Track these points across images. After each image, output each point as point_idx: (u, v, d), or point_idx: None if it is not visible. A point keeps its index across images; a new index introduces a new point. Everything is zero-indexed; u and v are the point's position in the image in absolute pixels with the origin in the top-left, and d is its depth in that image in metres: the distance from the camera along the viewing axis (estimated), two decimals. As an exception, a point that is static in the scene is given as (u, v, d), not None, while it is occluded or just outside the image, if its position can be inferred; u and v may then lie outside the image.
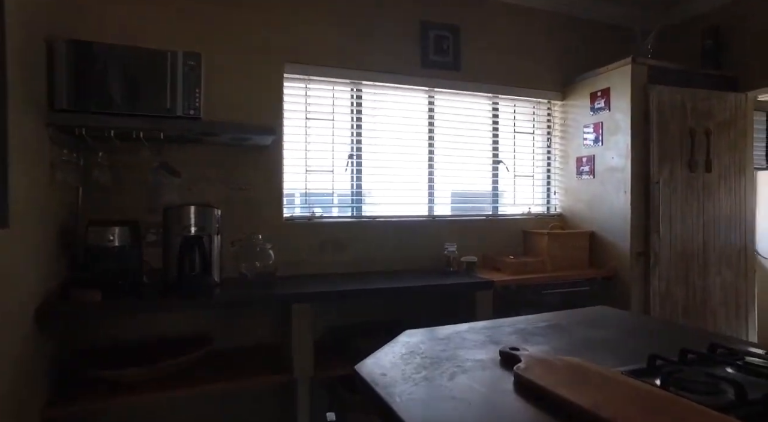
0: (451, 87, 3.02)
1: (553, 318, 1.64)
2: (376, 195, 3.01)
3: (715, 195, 2.96)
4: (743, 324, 3.07)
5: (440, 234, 2.97)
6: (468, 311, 2.51)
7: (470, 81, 3.06)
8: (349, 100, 2.88)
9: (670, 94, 2.82)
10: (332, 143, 2.83)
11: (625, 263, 2.80)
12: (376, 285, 2.30)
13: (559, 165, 3.36)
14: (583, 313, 1.74)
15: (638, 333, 1.46)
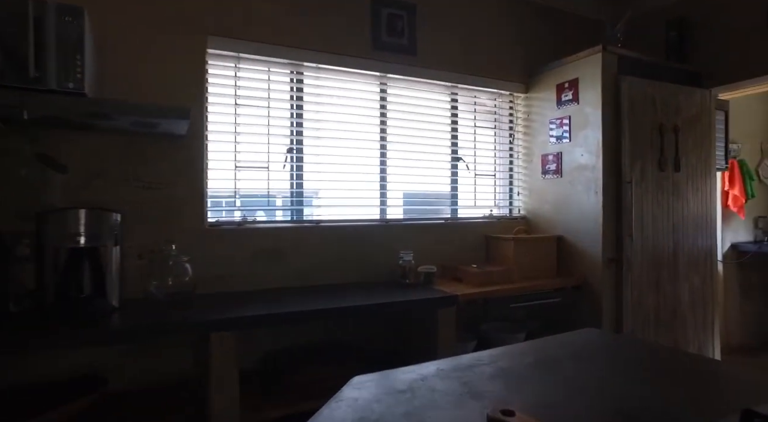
0: (405, 73, 2.67)
1: (538, 348, 1.32)
2: (320, 196, 2.60)
3: (683, 196, 2.78)
4: (709, 330, 2.92)
5: (394, 241, 2.60)
6: (428, 331, 2.16)
7: (427, 67, 2.72)
8: (289, 85, 2.46)
9: (641, 87, 2.60)
10: (268, 135, 2.39)
11: (596, 270, 2.56)
12: (319, 305, 1.89)
13: (523, 164, 3.09)
14: (570, 340, 1.42)
15: (651, 368, 1.14)
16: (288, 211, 2.51)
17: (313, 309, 1.83)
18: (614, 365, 1.18)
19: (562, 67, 2.76)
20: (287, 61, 2.39)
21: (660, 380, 1.06)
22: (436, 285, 2.40)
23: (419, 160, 2.77)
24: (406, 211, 2.80)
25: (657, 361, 1.21)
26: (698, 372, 1.14)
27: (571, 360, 1.20)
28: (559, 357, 1.22)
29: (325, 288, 2.30)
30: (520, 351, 1.29)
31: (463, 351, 2.33)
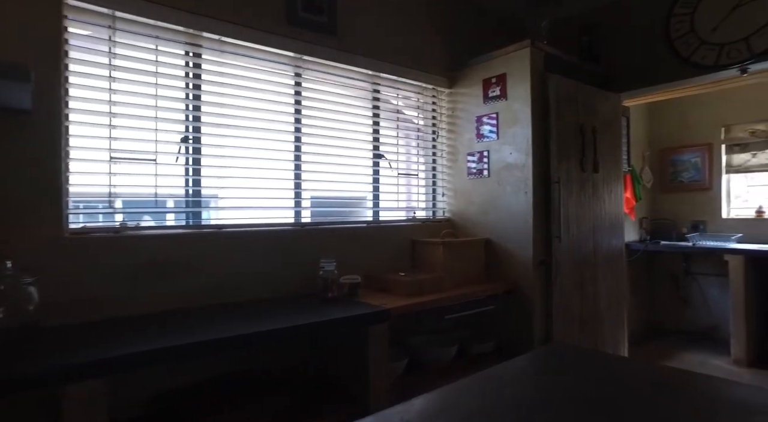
0: (324, 56, 2.34)
1: (483, 389, 1.06)
2: (223, 197, 2.16)
3: (601, 197, 2.81)
4: (621, 329, 2.99)
5: (312, 248, 2.26)
6: (358, 352, 1.85)
7: (348, 52, 2.43)
8: (183, 60, 2.00)
9: (565, 86, 2.56)
10: (156, 121, 1.91)
11: (527, 273, 2.45)
12: (217, 332, 1.48)
13: (447, 163, 2.92)
14: (543, 358, 1.22)
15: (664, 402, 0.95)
16: (182, 214, 2.04)
17: (212, 339, 1.42)
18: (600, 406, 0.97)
19: (489, 62, 2.63)
20: (182, 29, 1.93)
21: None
22: (362, 297, 2.10)
23: (339, 155, 2.46)
24: (324, 213, 2.46)
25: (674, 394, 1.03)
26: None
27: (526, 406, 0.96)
28: (516, 399, 0.98)
29: (232, 308, 1.88)
30: (459, 397, 1.03)
31: (394, 371, 2.06)
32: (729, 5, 2.57)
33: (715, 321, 4.20)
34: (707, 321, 4.26)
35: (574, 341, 2.56)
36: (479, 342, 2.46)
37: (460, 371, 2.25)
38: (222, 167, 2.10)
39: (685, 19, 2.71)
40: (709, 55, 2.62)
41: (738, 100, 4.10)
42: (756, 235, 3.99)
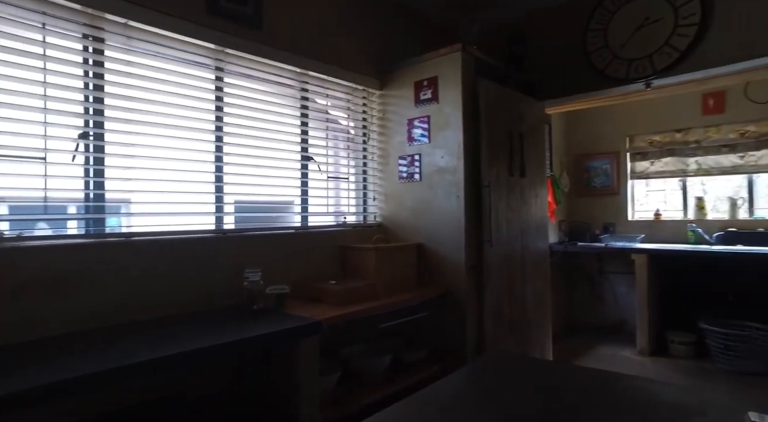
0: (248, 50, 2.17)
1: (453, 410, 1.00)
2: (136, 201, 1.92)
3: (528, 201, 2.89)
4: (546, 330, 3.10)
5: (236, 256, 2.08)
6: (288, 368, 1.70)
7: (275, 47, 2.28)
8: (81, 43, 1.74)
9: (495, 91, 2.60)
10: (45, 113, 1.64)
11: (460, 278, 2.43)
12: (126, 359, 1.27)
13: (378, 166, 2.86)
14: (480, 373, 1.17)
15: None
16: (82, 221, 1.78)
17: (112, 368, 1.21)
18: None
19: (420, 65, 2.61)
20: (77, 8, 1.68)
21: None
22: (291, 308, 1.96)
23: (264, 157, 2.29)
24: (248, 219, 2.28)
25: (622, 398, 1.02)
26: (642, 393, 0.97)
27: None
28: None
29: (141, 327, 1.65)
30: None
31: (327, 385, 1.94)
32: (634, 25, 2.76)
33: (623, 315, 4.53)
34: (616, 316, 4.58)
35: (504, 343, 2.59)
36: (413, 349, 2.41)
37: (395, 381, 2.18)
38: (131, 169, 1.86)
39: (599, 34, 2.88)
40: (620, 69, 2.80)
41: (639, 113, 4.47)
42: (655, 235, 4.36)
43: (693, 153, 4.28)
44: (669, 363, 3.70)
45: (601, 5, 2.88)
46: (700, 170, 4.27)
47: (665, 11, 2.64)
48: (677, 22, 2.60)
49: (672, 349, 3.85)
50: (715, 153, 4.18)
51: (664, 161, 4.44)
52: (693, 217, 4.27)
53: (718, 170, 4.19)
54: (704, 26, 2.55)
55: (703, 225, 4.12)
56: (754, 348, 3.44)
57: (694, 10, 2.56)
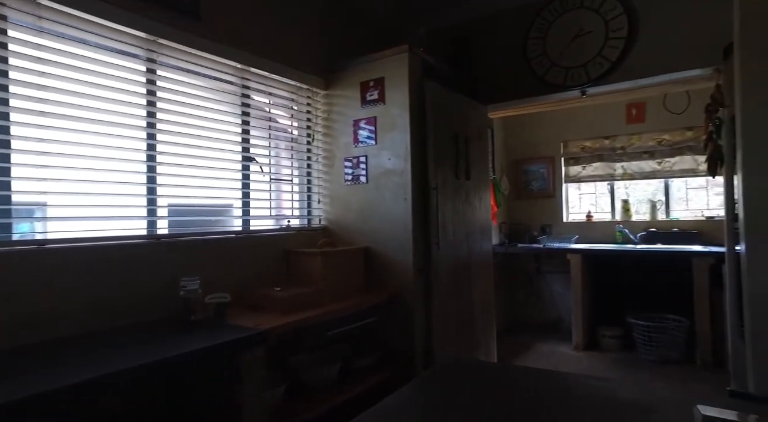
0: (185, 42, 2.02)
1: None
2: (51, 204, 1.71)
3: (473, 204, 2.92)
4: (491, 330, 3.15)
5: (171, 264, 1.92)
6: (228, 385, 1.58)
7: (214, 40, 2.14)
8: (-18, 25, 1.53)
9: (441, 94, 2.61)
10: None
11: (408, 281, 2.41)
12: (33, 388, 1.12)
13: (323, 168, 2.77)
14: (432, 384, 1.13)
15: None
16: (-18, 227, 1.55)
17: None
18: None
19: (366, 65, 2.56)
20: (-21, -16, 1.47)
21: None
22: (233, 318, 1.83)
23: (202, 157, 2.15)
24: (184, 223, 2.12)
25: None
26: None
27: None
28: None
29: (64, 343, 1.47)
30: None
31: (273, 399, 1.83)
32: (570, 35, 2.89)
33: (559, 313, 4.74)
34: (553, 314, 4.79)
35: (451, 345, 2.60)
36: (362, 356, 2.35)
37: (345, 389, 2.11)
38: (45, 167, 1.65)
39: (539, 42, 2.99)
40: (559, 76, 2.91)
41: (573, 119, 4.71)
42: (587, 236, 4.61)
43: (619, 159, 4.57)
44: (601, 357, 3.90)
45: (540, 15, 2.99)
46: (625, 174, 4.57)
47: (597, 24, 2.78)
48: (608, 35, 2.75)
49: (603, 343, 4.07)
50: (638, 159, 4.49)
51: (595, 166, 4.71)
52: (620, 218, 4.55)
53: (640, 174, 4.50)
54: (631, 40, 2.71)
55: (629, 226, 4.40)
56: (671, 338, 3.72)
57: (621, 24, 2.72)
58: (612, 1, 2.73)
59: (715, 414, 0.75)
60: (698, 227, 4.12)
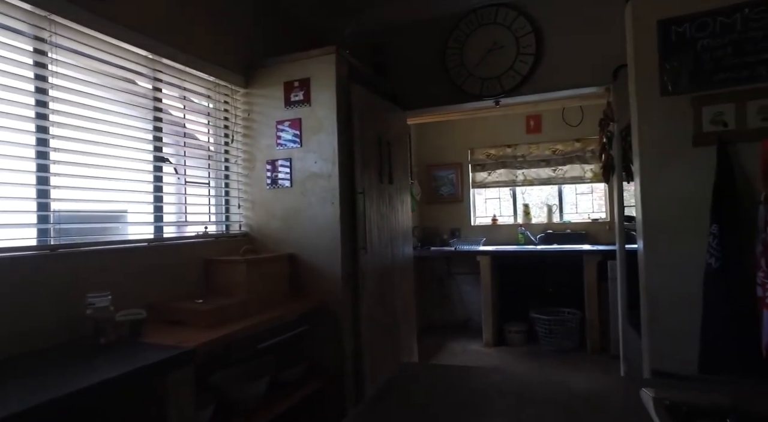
0: (85, 22, 1.77)
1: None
2: None
3: (395, 207, 2.95)
4: (413, 333, 3.20)
5: (72, 278, 1.66)
6: (156, 408, 1.40)
7: (121, 23, 1.90)
8: None
9: (366, 98, 2.60)
10: None
11: (336, 287, 2.35)
12: None
13: (243, 171, 2.61)
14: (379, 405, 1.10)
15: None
16: None
17: None
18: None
19: (291, 64, 2.47)
20: None
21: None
22: (150, 336, 1.64)
23: (106, 156, 1.89)
24: (86, 231, 1.85)
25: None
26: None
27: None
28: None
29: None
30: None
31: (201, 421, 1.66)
32: (485, 48, 3.06)
33: (468, 313, 4.98)
34: (463, 314, 5.02)
35: (379, 349, 2.59)
36: (290, 367, 2.23)
37: (274, 403, 1.99)
38: None
39: (457, 52, 3.12)
40: (475, 86, 3.07)
41: (478, 128, 5.01)
42: (493, 238, 4.92)
43: (520, 166, 4.95)
44: (509, 351, 4.17)
45: (458, 27, 3.12)
46: (525, 180, 4.95)
47: (509, 40, 2.98)
48: (519, 50, 2.96)
49: (510, 338, 4.36)
50: (536, 167, 4.90)
51: (499, 172, 5.04)
52: (522, 221, 4.93)
53: (538, 181, 4.92)
54: (538, 57, 2.95)
55: (530, 228, 4.78)
56: (568, 329, 4.10)
57: (530, 42, 2.94)
58: (522, 19, 2.95)
59: (662, 396, 0.82)
60: (586, 228, 4.60)
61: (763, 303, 1.56)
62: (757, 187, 1.65)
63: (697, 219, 1.74)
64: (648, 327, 1.90)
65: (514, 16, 2.98)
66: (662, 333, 1.83)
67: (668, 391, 0.86)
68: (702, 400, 0.78)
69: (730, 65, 1.67)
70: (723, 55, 1.68)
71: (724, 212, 1.66)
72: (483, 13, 3.07)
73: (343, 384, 2.31)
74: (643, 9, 1.87)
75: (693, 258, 1.74)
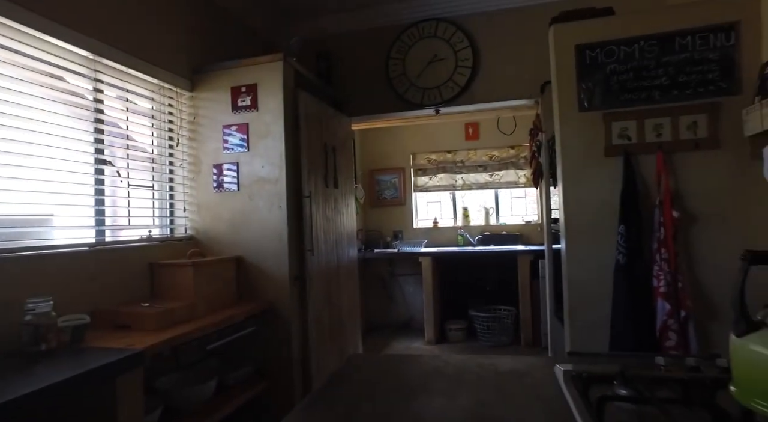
0: (16, 17, 1.72)
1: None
2: None
3: (341, 211, 3.05)
4: (358, 332, 3.31)
5: (9, 284, 1.61)
6: (105, 413, 1.41)
7: (57, 21, 1.87)
8: None
9: (312, 104, 2.68)
10: None
11: (284, 290, 2.41)
12: None
13: (188, 174, 2.60)
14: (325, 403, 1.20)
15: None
16: None
17: None
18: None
19: (238, 70, 2.50)
20: None
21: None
22: (95, 341, 1.63)
23: (43, 157, 1.84)
24: (18, 235, 1.79)
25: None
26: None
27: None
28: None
29: None
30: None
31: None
32: (426, 60, 3.25)
33: (411, 312, 5.15)
34: (406, 314, 5.19)
35: (325, 349, 2.67)
36: (237, 369, 2.27)
37: (221, 407, 2.01)
38: None
39: (399, 63, 3.28)
40: (416, 95, 3.24)
41: (420, 134, 5.22)
42: (434, 240, 5.13)
43: (459, 171, 5.20)
44: (450, 348, 4.38)
45: (400, 38, 3.28)
46: (464, 185, 5.22)
47: (449, 53, 3.18)
48: (457, 63, 3.16)
49: (450, 336, 4.57)
50: (474, 172, 5.18)
51: (439, 177, 5.27)
52: (461, 223, 5.18)
53: (476, 185, 5.20)
54: (475, 70, 3.17)
55: (468, 230, 5.04)
56: (504, 325, 4.38)
57: (468, 56, 3.16)
58: (460, 34, 3.15)
59: (569, 369, 0.98)
60: (520, 230, 4.93)
61: (657, 292, 1.82)
62: (654, 193, 1.92)
63: (610, 221, 1.99)
64: (569, 318, 2.12)
65: (452, 31, 3.18)
66: (581, 322, 2.06)
67: (576, 365, 1.03)
68: (598, 369, 0.95)
69: (632, 88, 1.93)
70: (626, 79, 1.93)
71: (629, 215, 1.91)
72: (424, 26, 3.25)
73: (292, 384, 2.37)
74: (563, 34, 2.10)
75: (606, 255, 1.98)
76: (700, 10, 1.89)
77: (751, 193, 1.85)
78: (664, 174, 1.89)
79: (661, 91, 1.91)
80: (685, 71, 1.88)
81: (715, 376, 0.87)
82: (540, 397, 0.94)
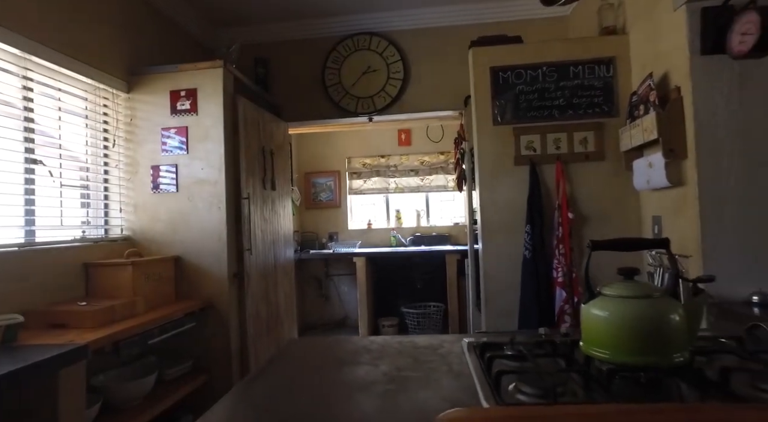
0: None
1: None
2: None
3: (278, 212, 3.17)
4: (294, 327, 3.43)
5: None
6: (46, 406, 1.45)
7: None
8: None
9: (251, 109, 2.79)
10: None
11: (223, 287, 2.49)
12: None
13: (125, 175, 2.61)
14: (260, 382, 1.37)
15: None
16: None
17: None
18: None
19: (177, 74, 2.55)
20: None
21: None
22: (31, 339, 1.65)
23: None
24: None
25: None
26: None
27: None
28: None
29: None
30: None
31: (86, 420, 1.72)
32: (360, 70, 3.45)
33: (346, 311, 5.33)
34: (341, 312, 5.35)
35: (262, 344, 2.78)
36: (176, 365, 2.32)
37: (158, 402, 2.07)
38: None
39: (335, 72, 3.45)
40: (351, 104, 3.43)
41: (356, 139, 5.41)
42: (368, 241, 5.34)
43: (392, 175, 5.46)
44: (382, 343, 4.59)
45: (336, 49, 3.46)
46: (397, 188, 5.48)
47: (381, 65, 3.41)
48: (389, 75, 3.40)
49: (384, 332, 4.79)
50: (407, 176, 5.45)
51: (373, 180, 5.50)
52: (394, 225, 5.43)
53: (409, 188, 5.48)
54: (405, 82, 3.42)
55: (401, 231, 5.30)
56: (433, 320, 4.68)
57: (399, 68, 3.40)
58: (392, 48, 3.39)
59: (473, 340, 1.22)
60: (449, 231, 5.27)
61: (556, 282, 2.14)
62: (554, 197, 2.25)
63: (518, 221, 2.29)
64: (485, 307, 2.41)
65: (385, 45, 3.41)
66: (495, 310, 2.34)
67: (479, 339, 1.26)
68: (493, 339, 1.19)
69: (536, 106, 2.25)
70: (532, 99, 2.25)
71: (534, 216, 2.22)
72: (359, 39, 3.45)
73: (230, 376, 2.46)
74: (480, 56, 2.38)
75: (515, 251, 2.28)
76: (588, 44, 2.25)
77: (626, 197, 2.23)
78: (562, 181, 2.22)
79: (560, 111, 2.24)
80: (577, 95, 2.22)
81: (577, 339, 1.13)
82: (447, 362, 1.16)
